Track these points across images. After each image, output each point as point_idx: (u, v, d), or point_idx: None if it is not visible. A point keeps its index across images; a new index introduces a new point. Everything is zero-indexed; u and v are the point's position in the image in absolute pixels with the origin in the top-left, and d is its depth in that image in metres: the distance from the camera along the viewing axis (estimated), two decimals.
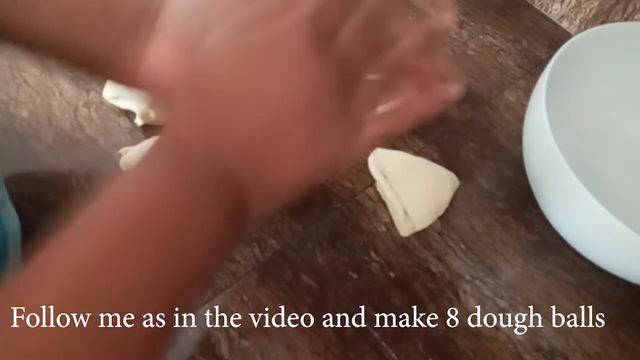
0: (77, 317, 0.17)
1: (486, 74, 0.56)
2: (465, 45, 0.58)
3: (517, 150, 0.49)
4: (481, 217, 0.46)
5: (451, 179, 0.46)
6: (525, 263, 0.44)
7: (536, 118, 0.39)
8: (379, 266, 0.43)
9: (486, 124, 0.52)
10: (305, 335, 0.39)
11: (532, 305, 0.42)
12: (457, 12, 0.60)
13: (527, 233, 0.45)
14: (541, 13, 0.61)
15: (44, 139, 0.47)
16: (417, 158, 0.47)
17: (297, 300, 0.40)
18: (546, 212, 0.42)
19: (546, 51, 0.57)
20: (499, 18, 0.60)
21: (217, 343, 0.38)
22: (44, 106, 0.48)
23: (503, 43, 0.58)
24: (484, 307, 0.42)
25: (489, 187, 0.48)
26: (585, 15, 0.58)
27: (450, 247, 0.44)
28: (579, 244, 0.40)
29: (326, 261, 0.42)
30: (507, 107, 0.53)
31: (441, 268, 0.43)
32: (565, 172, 0.35)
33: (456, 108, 0.52)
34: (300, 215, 0.44)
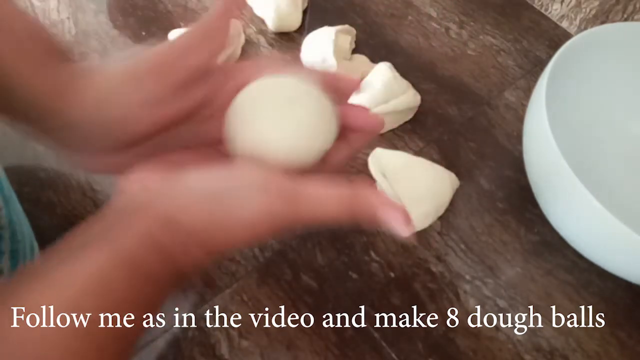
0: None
1: (486, 74, 0.56)
2: (465, 45, 0.58)
3: (517, 150, 0.49)
4: (481, 217, 0.46)
5: (451, 179, 0.46)
6: (525, 263, 0.44)
7: (536, 118, 0.39)
8: (379, 266, 0.43)
9: (486, 124, 0.52)
10: (305, 335, 0.39)
11: (532, 305, 0.42)
12: (458, 12, 0.60)
13: (527, 233, 0.45)
14: (541, 13, 0.61)
15: None
16: (417, 158, 0.47)
17: (297, 300, 0.41)
18: (546, 212, 0.42)
19: (546, 51, 0.58)
20: (499, 18, 0.60)
21: (217, 343, 0.38)
22: None
23: (503, 43, 0.58)
24: (484, 307, 0.42)
25: (489, 187, 0.48)
26: (585, 15, 0.58)
27: (450, 247, 0.44)
28: (579, 243, 0.40)
29: (326, 261, 0.42)
30: (507, 107, 0.53)
31: (441, 268, 0.43)
32: (565, 172, 0.35)
33: (456, 108, 0.53)
34: None
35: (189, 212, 0.24)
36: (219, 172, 0.25)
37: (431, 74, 0.55)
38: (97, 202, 0.44)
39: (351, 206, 0.24)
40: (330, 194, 0.24)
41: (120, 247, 0.22)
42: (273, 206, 0.23)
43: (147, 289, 0.23)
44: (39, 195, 0.44)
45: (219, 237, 0.24)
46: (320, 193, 0.24)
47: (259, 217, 0.23)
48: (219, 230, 0.24)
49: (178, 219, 0.23)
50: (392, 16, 0.59)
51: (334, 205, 0.24)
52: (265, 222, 0.24)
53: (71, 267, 0.21)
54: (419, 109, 0.51)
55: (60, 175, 0.45)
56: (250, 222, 0.24)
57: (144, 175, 0.26)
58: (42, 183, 0.45)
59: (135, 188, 0.25)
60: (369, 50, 0.55)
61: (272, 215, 0.24)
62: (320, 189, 0.24)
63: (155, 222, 0.23)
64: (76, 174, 0.45)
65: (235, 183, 0.24)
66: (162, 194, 0.25)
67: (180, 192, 0.24)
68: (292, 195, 0.24)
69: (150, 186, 0.25)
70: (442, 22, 0.59)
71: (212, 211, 0.24)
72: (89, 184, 0.45)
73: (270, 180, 0.24)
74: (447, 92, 0.54)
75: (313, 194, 0.24)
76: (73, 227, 0.23)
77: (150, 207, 0.24)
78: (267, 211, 0.23)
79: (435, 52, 0.57)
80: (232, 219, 0.24)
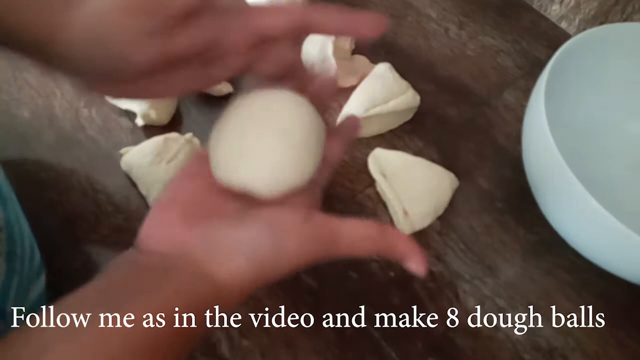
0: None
1: (485, 74, 0.56)
2: (465, 46, 0.58)
3: (516, 150, 0.49)
4: (480, 217, 0.46)
5: (450, 179, 0.46)
6: (524, 263, 0.44)
7: (535, 118, 0.39)
8: (378, 266, 0.43)
9: (485, 125, 0.52)
10: (305, 335, 0.39)
11: (532, 305, 0.42)
12: (457, 13, 0.60)
13: (526, 233, 0.46)
14: (540, 14, 0.61)
15: (46, 139, 0.47)
16: (417, 158, 0.47)
17: (297, 300, 0.41)
18: (545, 212, 0.42)
19: (545, 52, 0.58)
20: (498, 19, 0.60)
21: (218, 342, 0.39)
22: (45, 107, 0.48)
23: (502, 44, 0.58)
24: (483, 307, 0.42)
25: (488, 187, 0.48)
26: (584, 15, 0.58)
27: (450, 247, 0.44)
28: (578, 243, 0.40)
29: (326, 261, 0.42)
30: (507, 108, 0.53)
31: (441, 268, 0.43)
32: (564, 172, 0.36)
33: (456, 108, 0.53)
34: None
35: (230, 269, 0.25)
36: (255, 226, 0.25)
37: (431, 75, 0.55)
38: (98, 202, 0.44)
39: (380, 246, 0.27)
40: (363, 235, 0.26)
41: (159, 305, 0.23)
42: (315, 254, 0.26)
43: (180, 342, 0.24)
44: (39, 195, 0.44)
45: (258, 283, 0.26)
46: (355, 234, 0.26)
47: (300, 263, 0.26)
48: (259, 278, 0.25)
49: (215, 274, 0.24)
50: (391, 17, 0.59)
51: (366, 245, 0.27)
52: (306, 264, 0.26)
53: (103, 329, 0.21)
54: (418, 109, 0.51)
55: (61, 175, 0.45)
56: (292, 268, 0.26)
57: (168, 231, 0.26)
58: (43, 183, 0.45)
59: (164, 244, 0.26)
60: (369, 51, 0.55)
61: (314, 258, 0.26)
62: (354, 230, 0.26)
63: (191, 277, 0.24)
64: (77, 174, 0.45)
65: (275, 236, 0.25)
66: (199, 250, 0.25)
67: (217, 247, 0.25)
68: (331, 240, 0.26)
69: (181, 241, 0.25)
70: (441, 23, 0.59)
71: (254, 268, 0.25)
72: (90, 184, 0.45)
73: (310, 228, 0.26)
74: (446, 92, 0.54)
75: (349, 235, 0.26)
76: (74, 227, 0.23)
77: (188, 263, 0.25)
78: (310, 256, 0.26)
79: (435, 53, 0.57)
80: (275, 269, 0.25)
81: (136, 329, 0.22)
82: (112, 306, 0.22)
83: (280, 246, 0.25)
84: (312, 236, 0.26)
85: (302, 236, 0.25)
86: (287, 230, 0.25)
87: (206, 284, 0.24)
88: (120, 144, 0.46)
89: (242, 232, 0.25)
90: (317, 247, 0.26)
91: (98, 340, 0.21)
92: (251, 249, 0.25)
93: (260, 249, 0.25)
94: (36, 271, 0.37)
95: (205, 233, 0.26)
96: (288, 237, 0.25)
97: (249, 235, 0.25)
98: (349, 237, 0.26)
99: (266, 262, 0.25)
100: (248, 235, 0.25)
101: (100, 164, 0.46)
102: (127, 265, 0.25)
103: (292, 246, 0.25)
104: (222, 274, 0.24)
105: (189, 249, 0.25)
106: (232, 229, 0.25)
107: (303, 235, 0.25)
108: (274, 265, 0.25)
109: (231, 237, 0.25)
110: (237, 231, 0.25)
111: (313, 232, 0.26)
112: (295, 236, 0.25)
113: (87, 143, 0.47)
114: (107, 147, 0.47)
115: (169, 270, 0.24)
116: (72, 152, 0.46)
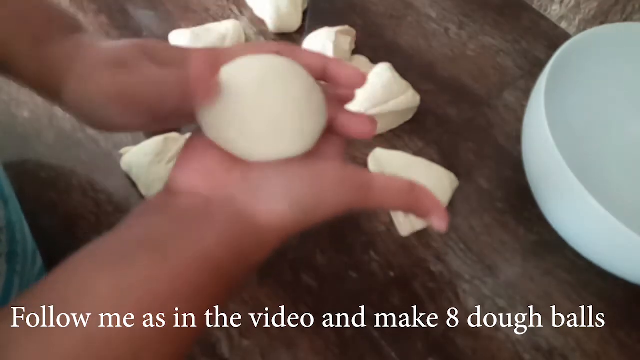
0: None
1: (485, 74, 0.56)
2: (465, 45, 0.58)
3: (516, 150, 0.49)
4: (480, 217, 0.46)
5: (450, 179, 0.46)
6: (524, 263, 0.44)
7: (535, 118, 0.39)
8: (378, 266, 0.43)
9: (485, 125, 0.52)
10: (305, 335, 0.39)
11: (532, 305, 0.42)
12: (457, 13, 0.60)
13: (526, 233, 0.46)
14: (540, 14, 0.61)
15: (45, 139, 0.47)
16: (417, 158, 0.47)
17: (297, 300, 0.41)
18: (545, 212, 0.42)
19: (545, 52, 0.58)
20: (498, 19, 0.60)
21: (218, 342, 0.39)
22: (45, 106, 0.48)
23: (502, 44, 0.58)
24: (483, 307, 0.42)
25: (488, 187, 0.48)
26: (584, 15, 0.58)
27: (450, 247, 0.44)
28: (578, 243, 0.40)
29: (326, 261, 0.43)
30: (507, 108, 0.53)
31: (441, 268, 0.43)
32: (564, 172, 0.36)
33: (456, 108, 0.53)
34: None
35: (271, 211, 0.24)
36: (297, 172, 0.25)
37: (431, 75, 0.55)
38: (98, 202, 0.44)
39: (408, 199, 0.27)
40: (395, 187, 0.27)
41: (203, 249, 0.23)
42: (352, 200, 0.26)
43: (221, 288, 0.24)
44: (39, 195, 0.44)
45: (297, 229, 0.25)
46: (388, 185, 0.27)
47: (337, 209, 0.26)
48: (299, 224, 0.25)
49: (258, 218, 0.24)
50: (391, 17, 0.59)
51: (395, 197, 0.27)
52: (341, 212, 0.26)
53: (149, 271, 0.21)
54: (418, 109, 0.51)
55: (61, 175, 0.45)
56: (328, 215, 0.26)
57: (203, 174, 0.26)
58: (43, 183, 0.45)
59: (203, 188, 0.25)
60: (369, 51, 0.55)
61: (349, 206, 0.26)
62: (387, 181, 0.27)
63: (234, 220, 0.24)
64: (77, 174, 0.45)
65: (316, 181, 0.25)
66: (241, 191, 0.25)
67: (261, 190, 0.25)
68: (365, 189, 0.26)
69: (222, 184, 0.25)
70: (441, 23, 0.59)
71: (295, 213, 0.25)
72: (91, 184, 0.45)
73: (348, 176, 0.26)
74: (446, 92, 0.54)
75: (382, 186, 0.27)
76: (74, 227, 0.23)
77: (227, 204, 0.24)
78: (346, 203, 0.26)
79: (435, 53, 0.57)
80: (315, 216, 0.25)
81: (182, 274, 0.22)
82: (156, 250, 0.22)
83: (320, 193, 0.25)
84: (349, 184, 0.26)
85: (340, 184, 0.26)
86: (327, 178, 0.25)
87: (249, 226, 0.24)
88: (120, 144, 0.46)
89: (285, 177, 0.25)
90: (352, 195, 0.26)
91: (145, 286, 0.21)
92: (295, 194, 0.25)
93: (303, 195, 0.25)
94: (38, 271, 0.37)
95: (245, 176, 0.25)
96: (328, 184, 0.25)
97: (292, 180, 0.25)
98: (381, 188, 0.27)
99: (307, 209, 0.25)
100: (291, 180, 0.25)
101: (100, 163, 0.46)
102: (159, 209, 0.25)
103: (330, 194, 0.25)
104: (265, 217, 0.24)
105: (231, 191, 0.25)
106: (274, 172, 0.25)
107: (341, 183, 0.26)
108: (314, 213, 0.25)
109: (274, 181, 0.25)
110: (280, 175, 0.25)
111: (350, 180, 0.26)
112: (334, 184, 0.25)
113: (87, 143, 0.47)
114: (107, 147, 0.47)
115: (211, 212, 0.24)
116: (72, 152, 0.46)
